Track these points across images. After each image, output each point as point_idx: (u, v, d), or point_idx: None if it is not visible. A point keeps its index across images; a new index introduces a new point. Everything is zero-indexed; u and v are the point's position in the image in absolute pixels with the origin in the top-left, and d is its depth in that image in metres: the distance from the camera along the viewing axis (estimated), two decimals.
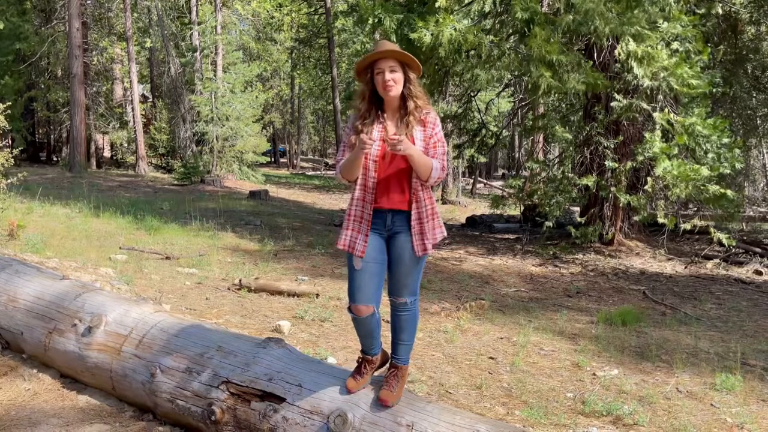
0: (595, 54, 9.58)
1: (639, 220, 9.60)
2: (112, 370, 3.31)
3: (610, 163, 9.35)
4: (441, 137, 2.72)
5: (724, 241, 8.73)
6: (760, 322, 6.28)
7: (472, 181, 28.63)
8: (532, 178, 11.22)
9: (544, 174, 10.76)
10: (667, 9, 8.53)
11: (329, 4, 26.29)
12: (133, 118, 23.23)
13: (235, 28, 28.13)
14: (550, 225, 9.92)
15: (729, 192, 8.60)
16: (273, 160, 39.44)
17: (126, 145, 25.44)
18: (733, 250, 9.75)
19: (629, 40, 8.17)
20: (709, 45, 9.76)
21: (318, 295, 6.25)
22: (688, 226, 9.19)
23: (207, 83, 20.69)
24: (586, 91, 9.18)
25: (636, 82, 8.65)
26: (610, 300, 7.25)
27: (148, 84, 29.06)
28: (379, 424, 2.60)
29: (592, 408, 3.71)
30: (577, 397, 3.94)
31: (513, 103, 20.76)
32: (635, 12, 8.12)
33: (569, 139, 10.71)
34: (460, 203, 20.87)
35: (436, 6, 8.42)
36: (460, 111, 12.87)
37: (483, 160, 17.97)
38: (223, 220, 11.38)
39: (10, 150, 8.54)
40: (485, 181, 31.23)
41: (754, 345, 5.37)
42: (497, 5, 8.91)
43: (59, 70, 24.84)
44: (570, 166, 10.97)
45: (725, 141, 8.58)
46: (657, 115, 8.82)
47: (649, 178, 9.20)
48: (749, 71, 13.57)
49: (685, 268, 9.18)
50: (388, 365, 2.89)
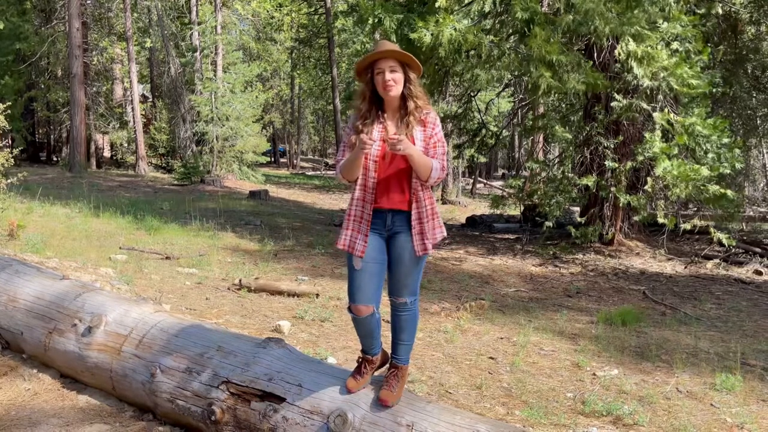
0: (595, 54, 9.58)
1: (639, 220, 9.60)
2: (112, 370, 3.31)
3: (610, 163, 9.35)
4: (441, 137, 2.72)
5: (724, 241, 8.73)
6: (760, 322, 6.28)
7: (472, 181, 28.63)
8: (532, 178, 11.22)
9: (544, 174, 10.76)
10: (667, 9, 8.53)
11: (329, 4, 26.29)
12: (133, 118, 23.23)
13: (235, 28, 28.13)
14: (550, 225, 9.92)
15: (729, 192, 8.60)
16: (273, 160, 39.43)
17: (126, 145, 25.44)
18: (733, 250, 9.75)
19: (629, 40, 8.17)
20: (709, 45, 9.76)
21: (318, 295, 6.25)
22: (688, 226, 9.19)
23: (207, 83, 20.69)
24: (586, 91, 9.18)
25: (636, 82, 8.65)
26: (610, 300, 7.25)
27: (148, 84, 29.06)
28: (379, 424, 2.60)
29: (592, 408, 3.71)
30: (577, 397, 3.94)
31: (513, 103, 20.75)
32: (635, 12, 8.13)
33: (569, 139, 10.71)
34: (460, 203, 20.88)
35: (436, 6, 8.42)
36: (460, 111, 12.87)
37: (483, 160, 17.97)
38: (223, 220, 11.38)
39: (10, 150, 8.54)
40: (485, 181, 31.23)
41: (754, 345, 5.37)
42: (497, 5, 8.92)
43: (59, 70, 24.84)
44: (570, 166, 10.96)
45: (725, 141, 8.59)
46: (657, 115, 8.82)
47: (649, 178, 9.20)
48: (749, 71, 13.57)
49: (685, 268, 9.18)
50: (388, 365, 2.89)
